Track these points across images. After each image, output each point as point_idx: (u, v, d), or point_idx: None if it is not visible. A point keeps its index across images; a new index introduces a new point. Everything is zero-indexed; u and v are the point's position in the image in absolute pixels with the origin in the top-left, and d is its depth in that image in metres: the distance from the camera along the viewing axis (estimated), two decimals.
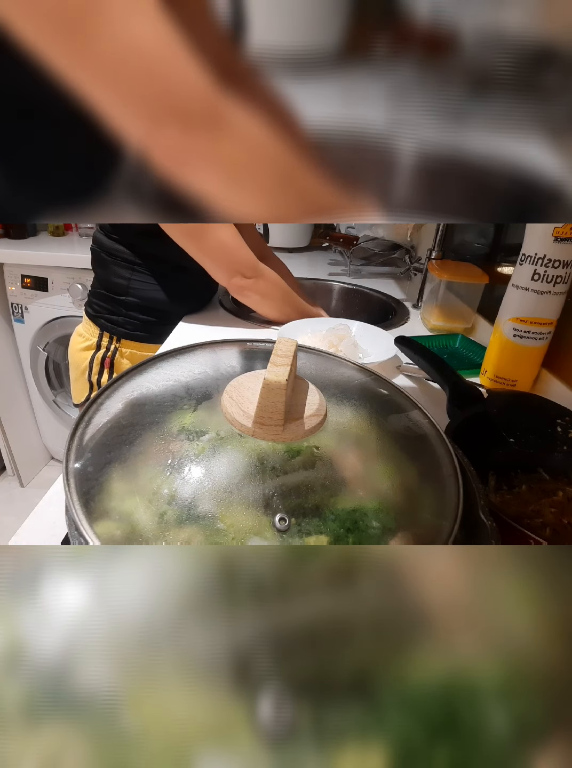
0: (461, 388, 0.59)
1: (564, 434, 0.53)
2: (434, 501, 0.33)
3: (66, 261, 1.58)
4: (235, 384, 0.36)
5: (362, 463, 0.34)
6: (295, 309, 0.94)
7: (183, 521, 0.28)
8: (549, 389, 0.72)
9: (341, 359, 0.46)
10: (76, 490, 0.29)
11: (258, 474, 0.30)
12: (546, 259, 0.63)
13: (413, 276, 1.37)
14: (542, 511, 0.46)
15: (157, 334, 0.93)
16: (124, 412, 0.36)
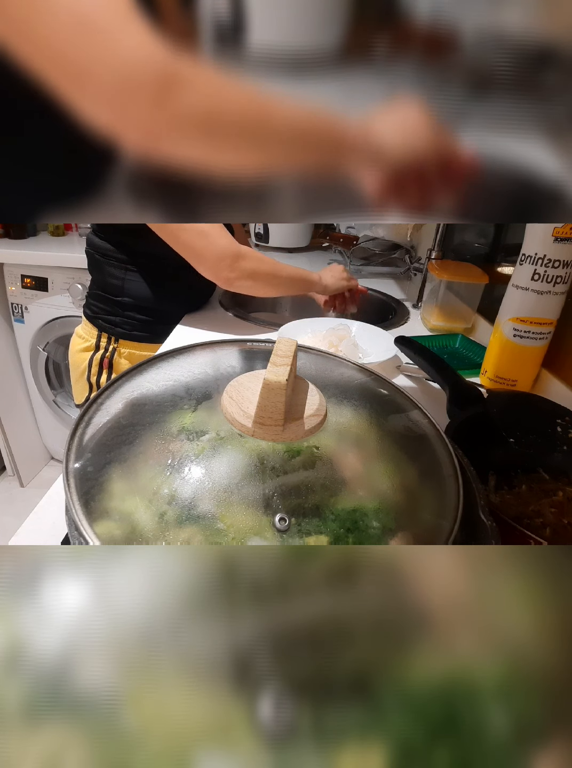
0: (461, 388, 0.59)
1: (564, 434, 0.53)
2: (434, 501, 0.33)
3: (66, 261, 1.57)
4: (235, 384, 0.36)
5: (362, 463, 0.34)
6: (288, 277, 0.91)
7: (183, 521, 0.28)
8: (549, 389, 0.72)
9: (341, 359, 0.46)
10: (76, 490, 0.29)
11: (258, 474, 0.30)
12: (546, 259, 0.63)
13: (413, 276, 1.37)
14: (542, 511, 0.46)
15: (155, 333, 0.93)
16: (124, 412, 0.36)
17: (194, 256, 0.83)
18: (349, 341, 0.81)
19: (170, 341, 0.88)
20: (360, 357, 0.79)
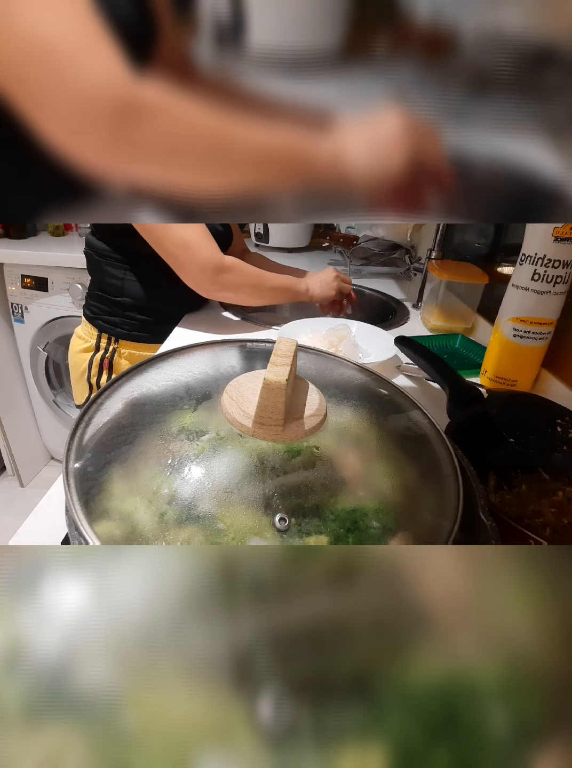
0: (461, 388, 0.59)
1: (564, 434, 0.53)
2: (434, 501, 0.33)
3: (66, 261, 1.57)
4: (235, 384, 0.36)
5: (362, 463, 0.34)
6: (272, 288, 0.91)
7: (183, 521, 0.28)
8: (549, 389, 0.72)
9: (341, 359, 0.46)
10: (76, 490, 0.29)
11: (258, 474, 0.30)
12: (546, 259, 0.63)
13: (413, 276, 1.37)
14: (542, 511, 0.46)
15: (155, 334, 0.93)
16: (124, 412, 0.36)
17: (176, 265, 0.84)
18: (349, 341, 0.81)
19: (170, 341, 0.88)
20: (360, 357, 0.79)
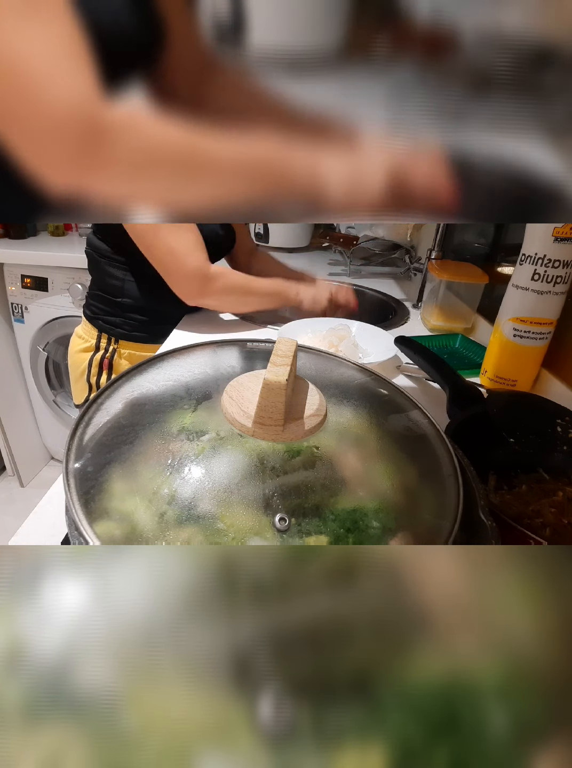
0: (461, 388, 0.59)
1: (564, 434, 0.53)
2: (434, 501, 0.33)
3: (66, 261, 1.57)
4: (235, 384, 0.36)
5: (362, 463, 0.34)
6: (259, 294, 0.91)
7: (183, 521, 0.28)
8: (549, 389, 0.72)
9: (341, 359, 0.46)
10: (76, 490, 0.29)
11: (258, 474, 0.30)
12: (546, 259, 0.63)
13: (413, 276, 1.37)
14: (542, 511, 0.46)
15: (155, 334, 0.93)
16: (124, 412, 0.36)
17: (163, 272, 0.84)
18: (349, 341, 0.81)
19: (170, 341, 0.88)
20: (360, 357, 0.79)
